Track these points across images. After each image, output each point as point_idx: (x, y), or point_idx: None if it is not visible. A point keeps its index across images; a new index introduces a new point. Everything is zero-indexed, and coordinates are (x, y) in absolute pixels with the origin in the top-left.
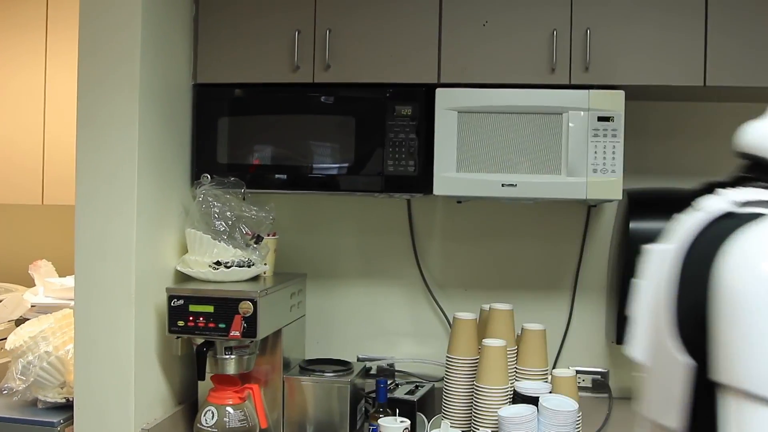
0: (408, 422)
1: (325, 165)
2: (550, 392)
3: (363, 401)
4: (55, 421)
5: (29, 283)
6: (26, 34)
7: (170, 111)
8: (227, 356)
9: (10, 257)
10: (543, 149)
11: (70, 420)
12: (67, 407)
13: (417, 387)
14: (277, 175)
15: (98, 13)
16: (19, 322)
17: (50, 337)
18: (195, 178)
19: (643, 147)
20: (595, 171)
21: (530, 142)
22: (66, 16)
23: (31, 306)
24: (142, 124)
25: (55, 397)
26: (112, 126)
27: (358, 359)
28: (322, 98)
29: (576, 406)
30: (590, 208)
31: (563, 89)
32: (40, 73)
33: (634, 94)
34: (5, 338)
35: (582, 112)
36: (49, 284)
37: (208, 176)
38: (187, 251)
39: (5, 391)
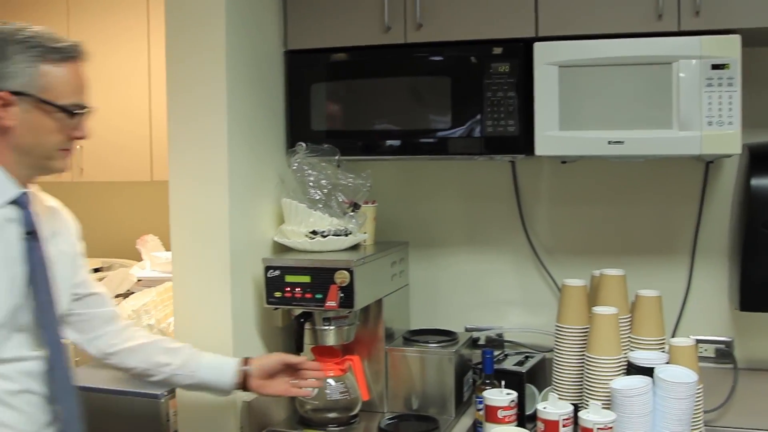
0: (515, 394)
1: (421, 128)
2: (667, 363)
3: (470, 373)
4: (159, 393)
5: (140, 258)
6: (129, 13)
7: (261, 79)
8: (326, 327)
9: (123, 233)
10: (652, 102)
11: (173, 392)
12: None
13: (527, 358)
14: (372, 141)
15: None
16: (127, 296)
17: (152, 310)
18: (290, 146)
19: (762, 97)
20: (710, 124)
21: (638, 95)
22: None
23: (138, 280)
24: (231, 95)
25: None
26: (201, 98)
27: (466, 329)
28: (415, 59)
29: (695, 377)
30: (708, 165)
31: (672, 36)
32: (143, 51)
33: (751, 39)
34: None
35: (693, 61)
36: (155, 258)
37: (303, 144)
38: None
39: None
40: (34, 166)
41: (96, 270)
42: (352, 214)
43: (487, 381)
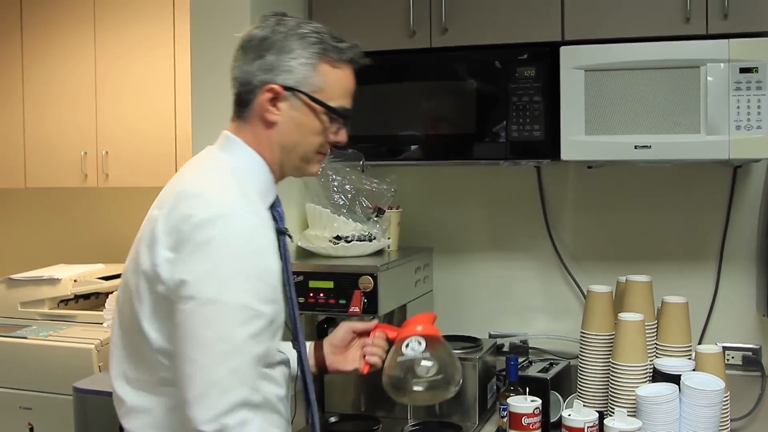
0: (539, 401)
1: (446, 133)
2: (694, 370)
3: (494, 379)
4: None
5: None
6: (155, 19)
7: None
8: None
9: None
10: (679, 107)
11: None
12: None
13: (551, 365)
14: (397, 146)
15: None
16: None
17: None
18: None
19: None
20: (738, 128)
21: (665, 99)
22: None
23: None
24: None
25: None
26: (225, 102)
27: (490, 336)
28: (441, 64)
29: (722, 385)
30: (736, 170)
31: (700, 40)
32: (169, 58)
33: None
34: None
35: (721, 64)
36: None
37: None
38: (308, 226)
39: None
40: (292, 166)
41: (120, 275)
42: (376, 219)
43: (512, 388)
